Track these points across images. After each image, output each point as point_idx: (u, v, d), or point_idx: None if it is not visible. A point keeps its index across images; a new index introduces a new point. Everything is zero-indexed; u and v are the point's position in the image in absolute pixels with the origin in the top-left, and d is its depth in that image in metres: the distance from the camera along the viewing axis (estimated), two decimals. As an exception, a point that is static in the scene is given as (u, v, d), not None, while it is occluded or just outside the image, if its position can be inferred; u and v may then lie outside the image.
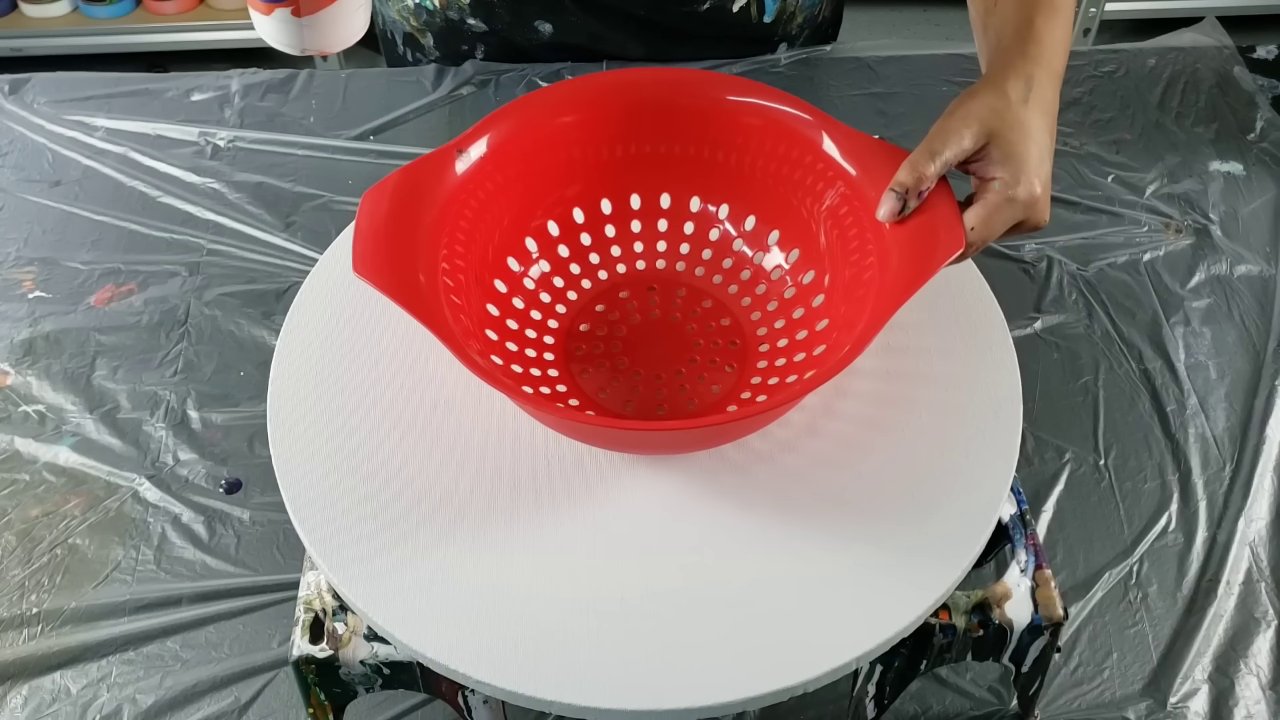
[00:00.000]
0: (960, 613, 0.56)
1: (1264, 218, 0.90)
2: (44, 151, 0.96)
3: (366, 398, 0.61)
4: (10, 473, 0.74)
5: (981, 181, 0.59)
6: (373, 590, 0.53)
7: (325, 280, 0.66)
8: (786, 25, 1.02)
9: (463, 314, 0.60)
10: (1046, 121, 0.62)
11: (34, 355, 0.81)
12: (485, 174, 0.63)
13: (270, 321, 0.82)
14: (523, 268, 0.67)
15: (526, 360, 0.63)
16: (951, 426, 0.59)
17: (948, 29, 2.35)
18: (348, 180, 0.93)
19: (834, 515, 0.56)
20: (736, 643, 0.52)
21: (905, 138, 0.96)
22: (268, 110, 0.99)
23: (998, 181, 0.58)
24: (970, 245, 0.57)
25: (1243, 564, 0.69)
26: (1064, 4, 0.65)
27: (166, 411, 0.77)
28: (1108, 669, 0.64)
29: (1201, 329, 0.82)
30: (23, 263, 0.87)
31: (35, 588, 0.68)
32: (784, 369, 0.63)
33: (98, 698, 0.64)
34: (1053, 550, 0.69)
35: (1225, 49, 1.06)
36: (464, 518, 0.56)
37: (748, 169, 0.66)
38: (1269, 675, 0.64)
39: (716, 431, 0.57)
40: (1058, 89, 0.64)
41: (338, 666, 0.54)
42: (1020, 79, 0.61)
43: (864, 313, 0.58)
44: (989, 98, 0.60)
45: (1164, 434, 0.76)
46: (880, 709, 0.59)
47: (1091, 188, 0.92)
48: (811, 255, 0.65)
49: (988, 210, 0.58)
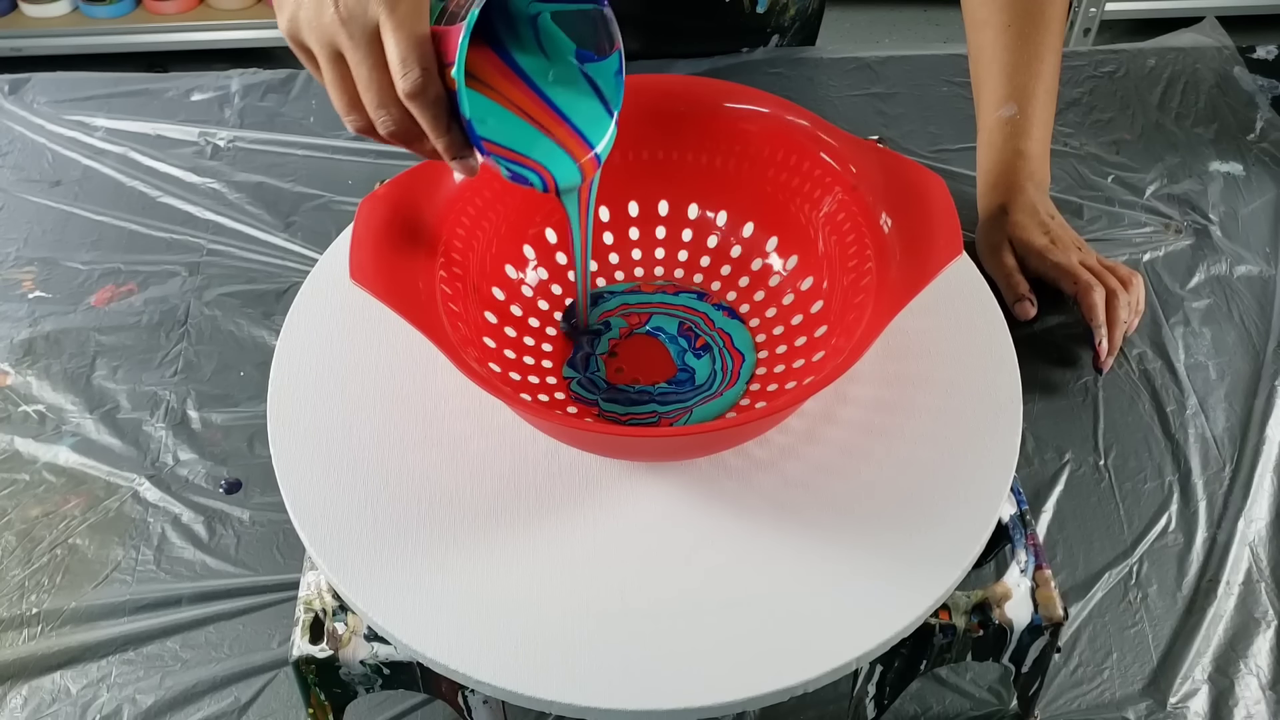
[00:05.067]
0: (960, 613, 0.56)
1: (1264, 218, 0.90)
2: (44, 151, 0.96)
3: (367, 397, 0.61)
4: (10, 473, 0.74)
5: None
6: (373, 590, 0.53)
7: (325, 280, 0.66)
8: (779, 17, 1.02)
9: (461, 321, 0.60)
10: (1040, 195, 0.82)
11: (34, 355, 0.81)
12: (483, 181, 0.63)
13: (270, 321, 0.82)
14: (520, 275, 0.67)
15: (525, 367, 0.63)
16: (952, 427, 0.59)
17: (948, 29, 2.35)
18: (348, 180, 0.93)
19: (834, 518, 0.56)
20: (736, 643, 0.52)
21: (905, 138, 0.96)
22: (268, 110, 0.99)
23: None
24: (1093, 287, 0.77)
25: (1243, 564, 0.69)
26: (1048, 57, 0.83)
27: (166, 411, 0.77)
28: (1108, 669, 0.65)
29: (1201, 329, 0.82)
30: (23, 263, 0.87)
31: (35, 588, 0.68)
32: (783, 375, 0.63)
33: (98, 698, 0.64)
34: (1053, 550, 0.69)
35: (1225, 49, 1.06)
36: (464, 519, 0.56)
37: (746, 175, 0.66)
38: (1269, 675, 0.64)
39: (715, 438, 0.57)
40: (1046, 161, 0.83)
41: (338, 666, 0.54)
42: (1017, 205, 0.81)
43: (863, 318, 0.58)
44: (1004, 228, 0.81)
45: (1164, 434, 0.76)
46: (880, 709, 0.59)
47: (1091, 188, 0.92)
48: (810, 261, 0.65)
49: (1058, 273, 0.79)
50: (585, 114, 0.59)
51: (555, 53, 0.58)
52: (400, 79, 0.51)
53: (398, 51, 0.51)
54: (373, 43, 0.52)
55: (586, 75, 0.58)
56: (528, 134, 0.58)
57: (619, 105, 0.59)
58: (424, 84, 0.51)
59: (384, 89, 0.52)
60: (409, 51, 0.51)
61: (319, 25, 0.52)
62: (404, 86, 0.51)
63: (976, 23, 0.84)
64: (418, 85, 0.51)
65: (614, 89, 0.58)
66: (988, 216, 0.82)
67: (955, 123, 0.97)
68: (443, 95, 0.52)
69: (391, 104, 0.53)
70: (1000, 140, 0.82)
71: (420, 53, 0.51)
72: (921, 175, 0.60)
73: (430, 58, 0.52)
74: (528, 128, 0.58)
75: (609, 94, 0.59)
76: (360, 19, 0.51)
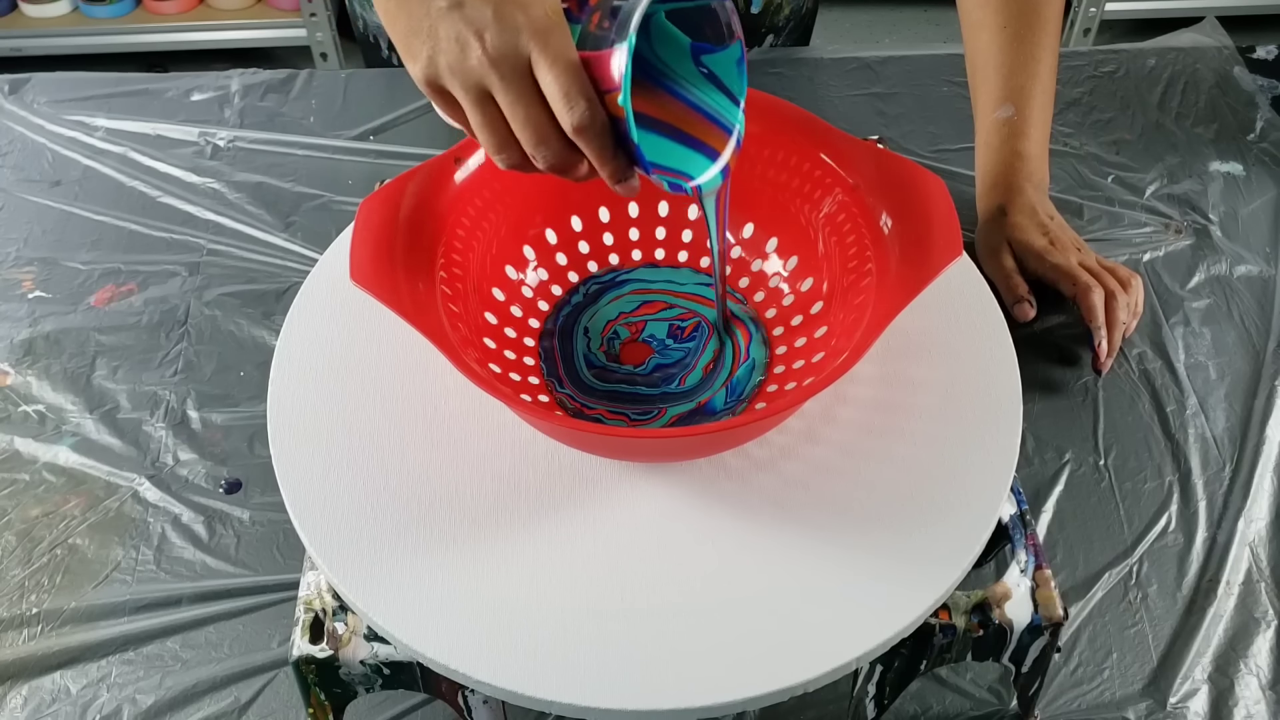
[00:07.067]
0: (960, 613, 0.56)
1: (1264, 218, 0.90)
2: (44, 151, 0.96)
3: (367, 397, 0.61)
4: (10, 473, 0.74)
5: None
6: (373, 590, 0.53)
7: (325, 280, 0.66)
8: (773, 17, 1.02)
9: (461, 322, 0.60)
10: (1039, 196, 0.82)
11: (34, 355, 0.81)
12: (482, 182, 0.63)
13: (270, 321, 0.82)
14: (521, 275, 0.67)
15: (525, 368, 0.63)
16: (951, 427, 0.59)
17: (948, 29, 2.35)
18: (348, 180, 0.93)
19: (834, 519, 0.56)
20: (736, 643, 0.52)
21: (905, 138, 0.96)
22: (268, 110, 0.99)
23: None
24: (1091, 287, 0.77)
25: (1243, 564, 0.69)
26: (1045, 61, 0.83)
27: (166, 411, 0.77)
28: (1108, 669, 0.65)
29: (1201, 329, 0.82)
30: (23, 263, 0.87)
31: (35, 588, 0.68)
32: (782, 376, 0.63)
33: (98, 698, 0.64)
34: (1053, 550, 0.69)
35: (1225, 49, 1.06)
36: (464, 519, 0.56)
37: (745, 176, 0.66)
38: (1269, 675, 0.64)
39: (715, 438, 0.57)
40: (1044, 162, 0.83)
41: (338, 666, 0.54)
42: (1015, 206, 0.81)
43: (863, 319, 0.58)
44: (1003, 230, 0.81)
45: (1164, 434, 0.76)
46: (880, 709, 0.59)
47: (1091, 188, 0.92)
48: (810, 262, 0.65)
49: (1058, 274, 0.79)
50: (716, 106, 0.57)
51: (671, 49, 0.57)
52: (566, 113, 0.49)
53: (559, 86, 0.49)
54: (526, 79, 0.50)
55: (703, 68, 0.57)
56: (666, 144, 0.57)
57: (744, 93, 0.57)
58: (591, 116, 0.50)
59: (543, 125, 0.50)
60: (571, 85, 0.49)
61: (464, 68, 0.50)
62: (571, 121, 0.49)
63: (973, 24, 0.84)
64: (586, 118, 0.49)
65: (736, 78, 0.57)
66: (987, 218, 0.82)
67: (955, 123, 0.97)
68: (608, 124, 0.51)
69: (553, 138, 0.51)
70: (998, 142, 0.82)
71: (581, 84, 0.49)
72: (921, 176, 0.60)
73: (589, 88, 0.50)
74: (665, 136, 0.57)
75: (731, 84, 0.57)
76: (511, 58, 0.49)
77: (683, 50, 0.57)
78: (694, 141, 0.58)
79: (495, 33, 0.49)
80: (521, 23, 0.49)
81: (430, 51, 0.50)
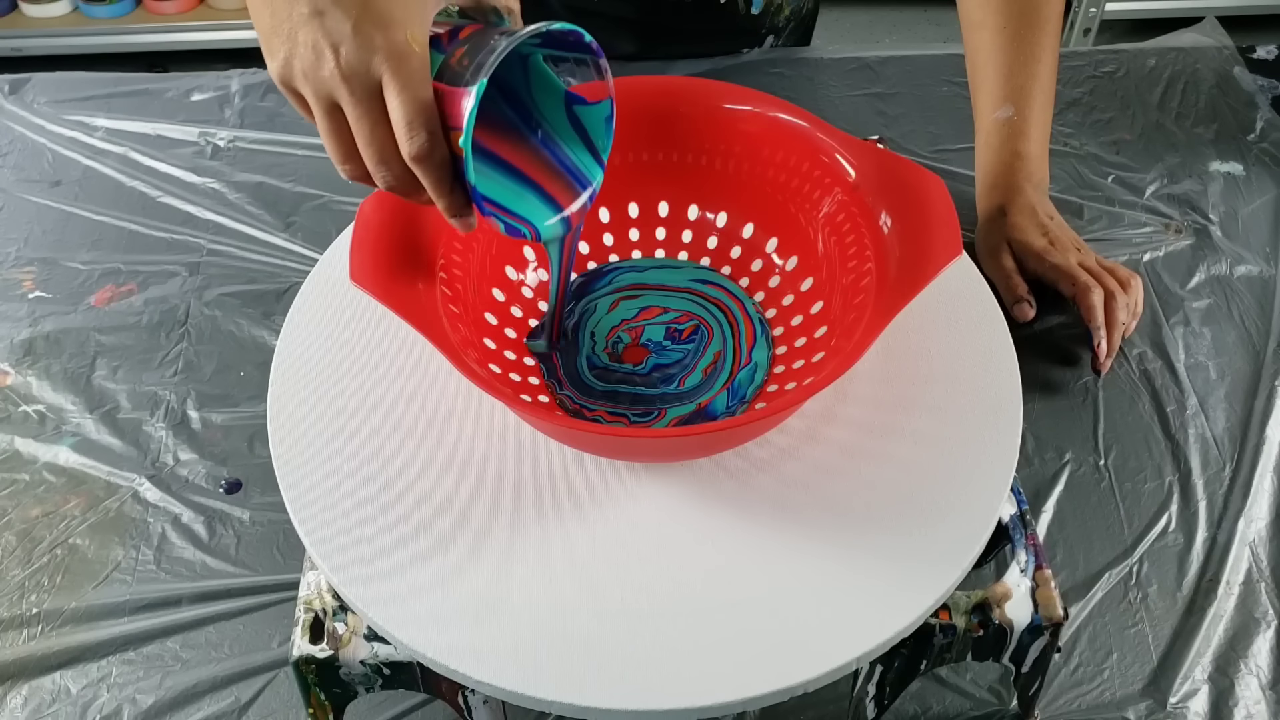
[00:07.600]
0: (960, 613, 0.56)
1: (1264, 218, 0.90)
2: (44, 151, 0.96)
3: (367, 397, 0.61)
4: (10, 473, 0.74)
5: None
6: (373, 590, 0.53)
7: (325, 280, 0.66)
8: (774, 17, 1.02)
9: (461, 323, 0.60)
10: (1039, 196, 0.82)
11: (34, 355, 0.81)
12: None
13: (270, 321, 0.82)
14: (520, 276, 0.67)
15: (525, 368, 0.63)
16: (951, 427, 0.59)
17: (948, 29, 2.35)
18: (348, 180, 0.92)
19: (834, 519, 0.56)
20: (736, 643, 0.52)
21: (905, 138, 0.96)
22: (268, 110, 0.99)
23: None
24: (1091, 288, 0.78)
25: (1243, 564, 0.69)
26: (1045, 59, 0.83)
27: (166, 411, 0.77)
28: (1108, 669, 0.65)
29: (1201, 329, 0.82)
30: (23, 263, 0.87)
31: (35, 588, 0.68)
32: (782, 375, 0.63)
33: (98, 698, 0.64)
34: (1053, 550, 0.69)
35: (1225, 49, 1.06)
36: (464, 519, 0.56)
37: (745, 176, 0.66)
38: (1269, 675, 0.64)
39: (715, 438, 0.57)
40: (1044, 162, 0.83)
41: (338, 666, 0.54)
42: (1015, 206, 0.81)
43: (863, 318, 0.58)
44: (1003, 230, 0.81)
45: (1164, 434, 0.76)
46: (880, 709, 0.59)
47: (1091, 188, 0.92)
48: (810, 262, 0.65)
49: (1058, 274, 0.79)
50: (574, 161, 0.57)
51: (547, 93, 0.56)
52: (406, 142, 0.49)
53: (404, 114, 0.49)
54: (375, 100, 0.49)
55: (574, 119, 0.57)
56: (516, 188, 0.56)
57: (608, 151, 0.57)
58: (430, 148, 0.49)
59: (386, 147, 0.50)
60: (415, 115, 0.49)
61: (316, 78, 0.49)
62: (410, 150, 0.49)
63: (972, 24, 0.85)
64: (424, 150, 0.49)
65: (603, 134, 0.57)
66: (986, 218, 0.82)
67: (955, 123, 0.97)
68: (448, 159, 0.50)
69: (393, 161, 0.51)
70: (998, 142, 0.82)
71: (426, 116, 0.49)
72: (921, 176, 0.60)
73: (435, 121, 0.50)
74: (517, 181, 0.56)
75: (597, 140, 0.57)
76: (363, 77, 0.49)
77: (557, 96, 0.56)
78: (543, 192, 0.57)
79: (350, 49, 0.48)
80: (379, 44, 0.48)
81: (287, 54, 0.50)
